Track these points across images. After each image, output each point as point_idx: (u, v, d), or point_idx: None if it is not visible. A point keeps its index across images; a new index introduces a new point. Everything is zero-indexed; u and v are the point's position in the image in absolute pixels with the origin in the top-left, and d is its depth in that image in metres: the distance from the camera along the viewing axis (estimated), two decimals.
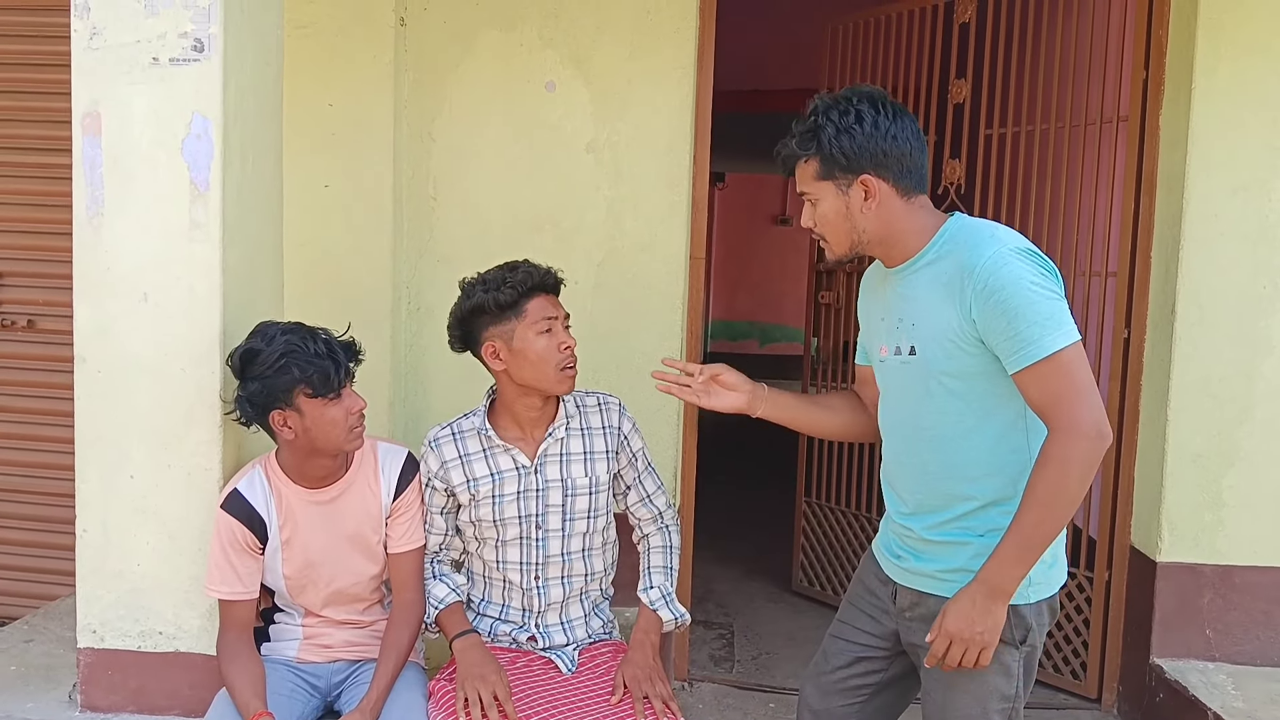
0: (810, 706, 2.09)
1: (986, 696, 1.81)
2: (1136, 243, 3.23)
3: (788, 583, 4.51)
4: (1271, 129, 2.99)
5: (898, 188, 1.80)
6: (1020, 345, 1.67)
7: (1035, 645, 1.83)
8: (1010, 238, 1.74)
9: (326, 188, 3.19)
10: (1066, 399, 1.66)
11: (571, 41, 3.22)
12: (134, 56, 2.21)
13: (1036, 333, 1.65)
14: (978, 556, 1.78)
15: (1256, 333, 3.03)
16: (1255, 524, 3.07)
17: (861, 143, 1.76)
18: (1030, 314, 1.66)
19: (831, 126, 1.78)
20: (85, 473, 2.31)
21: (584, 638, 2.31)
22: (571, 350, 2.19)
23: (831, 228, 1.84)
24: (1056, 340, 1.65)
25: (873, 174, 1.78)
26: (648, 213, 3.24)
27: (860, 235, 1.83)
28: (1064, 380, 1.66)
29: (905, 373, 1.85)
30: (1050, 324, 1.65)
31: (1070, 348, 1.66)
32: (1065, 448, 1.66)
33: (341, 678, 2.24)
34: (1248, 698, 2.88)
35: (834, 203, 1.82)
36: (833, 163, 1.79)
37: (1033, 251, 1.72)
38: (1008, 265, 1.68)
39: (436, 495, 2.26)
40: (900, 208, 1.81)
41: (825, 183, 1.81)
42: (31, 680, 2.53)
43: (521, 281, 2.16)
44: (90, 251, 2.26)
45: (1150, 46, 3.16)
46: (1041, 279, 1.69)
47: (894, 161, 1.78)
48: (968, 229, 1.79)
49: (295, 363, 1.99)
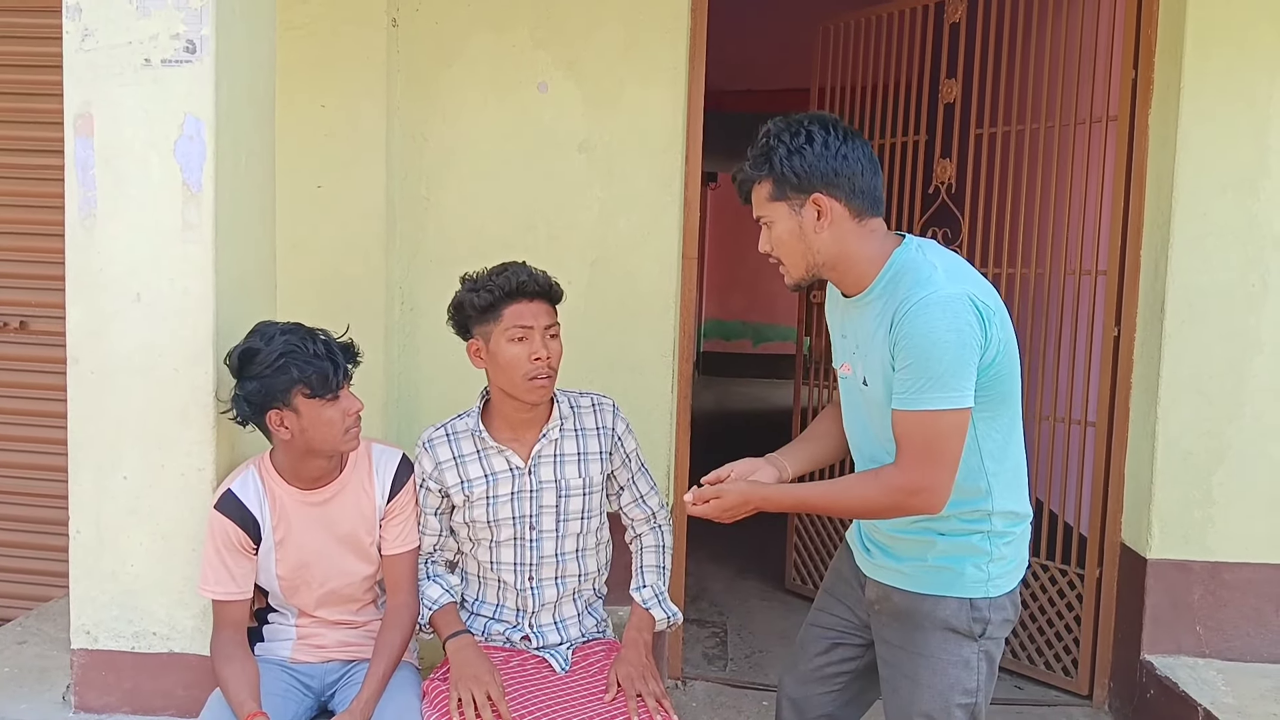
0: (788, 695, 2.15)
1: (948, 690, 1.87)
2: (1126, 241, 3.25)
3: (781, 581, 4.52)
4: (1260, 128, 3.01)
5: (850, 208, 1.81)
6: (902, 389, 1.74)
7: (995, 639, 1.89)
8: (949, 281, 1.75)
9: (319, 188, 3.20)
10: (917, 453, 1.74)
11: (563, 42, 3.23)
12: (126, 58, 2.21)
13: (919, 385, 1.71)
14: (943, 553, 1.86)
15: (1246, 330, 3.05)
16: (1245, 521, 3.09)
17: (812, 162, 1.79)
18: (925, 367, 1.70)
19: (783, 148, 1.80)
20: (78, 474, 2.31)
21: (577, 637, 2.32)
22: (545, 362, 2.14)
23: (787, 249, 1.86)
24: (932, 400, 1.70)
25: (824, 193, 1.80)
26: (640, 213, 3.25)
27: (815, 256, 1.85)
28: (921, 437, 1.73)
29: (862, 398, 1.90)
30: (936, 382, 1.70)
31: (942, 413, 1.71)
32: (893, 487, 1.76)
33: (335, 678, 2.24)
34: (1238, 694, 2.90)
35: (788, 223, 1.84)
36: (785, 183, 1.81)
37: (967, 299, 1.72)
38: (923, 314, 1.71)
39: (431, 496, 2.26)
40: (853, 229, 1.82)
41: (779, 204, 1.84)
42: (25, 681, 2.53)
43: (500, 286, 2.15)
44: (82, 253, 2.26)
45: (1139, 46, 3.17)
46: (956, 334, 1.70)
47: (845, 181, 1.80)
48: (909, 268, 1.79)
49: (294, 363, 2.00)
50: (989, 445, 1.82)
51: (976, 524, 1.85)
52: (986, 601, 1.86)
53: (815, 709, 2.12)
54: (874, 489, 1.79)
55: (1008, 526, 1.87)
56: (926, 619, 1.88)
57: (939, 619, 1.87)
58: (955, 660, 1.87)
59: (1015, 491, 1.88)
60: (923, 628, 1.88)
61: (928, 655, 1.88)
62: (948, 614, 1.86)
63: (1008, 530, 1.87)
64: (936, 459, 1.73)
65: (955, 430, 1.73)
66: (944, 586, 1.87)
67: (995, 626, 1.88)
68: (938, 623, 1.87)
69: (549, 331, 2.18)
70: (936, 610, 1.87)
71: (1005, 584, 1.89)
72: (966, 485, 1.82)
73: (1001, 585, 1.88)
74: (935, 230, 3.75)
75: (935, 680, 1.87)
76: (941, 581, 1.87)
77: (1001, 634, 1.90)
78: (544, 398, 2.19)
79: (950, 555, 1.86)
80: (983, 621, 1.86)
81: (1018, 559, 1.91)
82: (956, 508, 1.82)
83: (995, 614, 1.87)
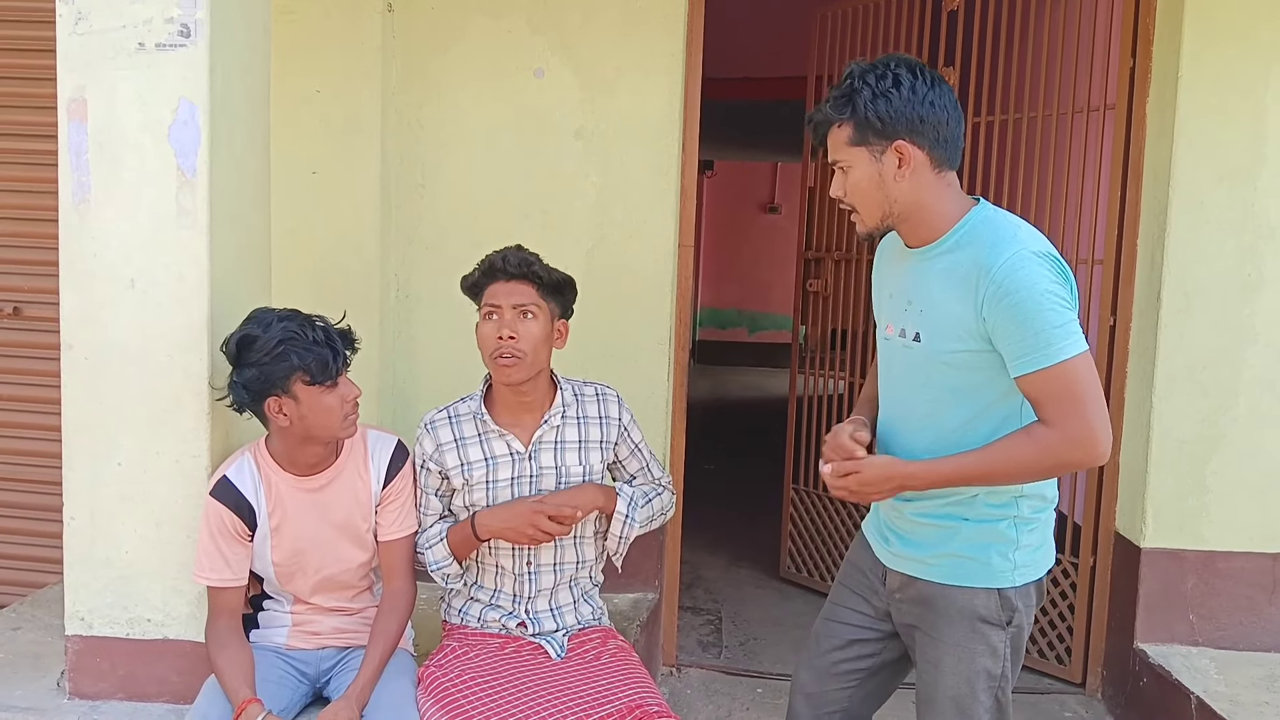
0: (804, 690, 2.10)
1: (974, 676, 1.84)
2: (1123, 230, 3.25)
3: (775, 569, 4.53)
4: (1257, 117, 3.01)
5: (932, 157, 1.76)
6: (1027, 350, 1.66)
7: (1022, 626, 1.85)
8: (1031, 239, 1.72)
9: (314, 174, 3.18)
10: (1068, 405, 1.66)
11: (560, 28, 3.21)
12: (120, 42, 2.19)
13: (1045, 339, 1.65)
14: (968, 541, 1.81)
15: (1241, 320, 3.05)
16: (1239, 510, 3.10)
17: (899, 107, 1.71)
18: (1040, 320, 1.65)
19: (868, 90, 1.72)
20: (72, 460, 2.31)
21: (574, 624, 2.32)
22: (510, 342, 2.13)
23: (863, 196, 1.79)
24: (1064, 349, 1.64)
25: (908, 140, 1.73)
26: (636, 200, 3.24)
27: (892, 206, 1.78)
28: (1068, 388, 1.66)
29: (908, 356, 1.85)
30: (1059, 332, 1.64)
31: (1078, 357, 1.65)
32: (1053, 444, 1.68)
33: (330, 664, 2.24)
34: (1230, 682, 2.91)
35: (867, 170, 1.77)
36: (867, 127, 1.74)
37: (1052, 256, 1.70)
38: (1024, 268, 1.66)
39: (431, 477, 2.26)
40: (933, 180, 1.77)
41: (859, 149, 1.76)
42: (20, 668, 2.52)
43: (481, 267, 2.20)
44: (76, 238, 2.24)
45: (1137, 35, 3.17)
46: (1056, 286, 1.67)
47: (930, 129, 1.73)
48: (991, 223, 1.75)
49: (294, 350, 1.99)
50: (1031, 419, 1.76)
51: (1004, 508, 1.80)
52: (1014, 591, 1.82)
53: (831, 704, 2.06)
54: (1031, 449, 1.69)
55: (1034, 513, 1.83)
56: (953, 608, 1.83)
57: (967, 609, 1.82)
58: (983, 648, 1.83)
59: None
60: (949, 616, 1.84)
61: (954, 643, 1.84)
62: (976, 604, 1.82)
63: (1034, 517, 1.83)
64: (1087, 404, 1.65)
65: (1090, 372, 1.67)
66: (970, 577, 1.82)
67: (1023, 614, 1.84)
68: (965, 612, 1.83)
69: (521, 311, 2.16)
70: (963, 600, 1.82)
71: (1032, 572, 1.84)
72: None
73: (1028, 574, 1.84)
74: None
75: (962, 667, 1.84)
76: (967, 572, 1.82)
77: (1028, 620, 1.86)
78: (510, 379, 2.17)
79: (976, 543, 1.81)
80: (1011, 610, 1.82)
81: (1044, 546, 1.87)
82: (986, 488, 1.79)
83: (1022, 601, 1.83)
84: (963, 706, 1.85)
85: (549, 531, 2.16)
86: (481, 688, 2.10)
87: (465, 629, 2.31)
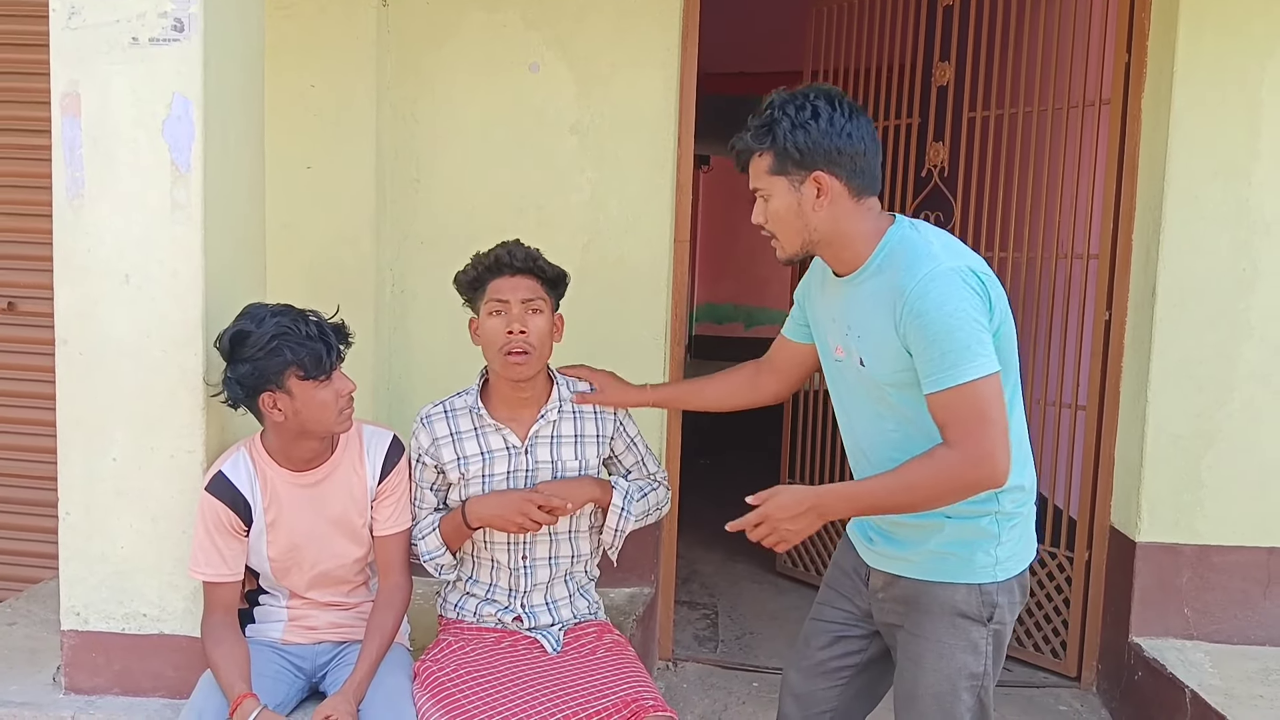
0: (793, 690, 2.12)
1: (955, 674, 1.86)
2: (1118, 225, 3.25)
3: (771, 564, 4.54)
4: (1252, 112, 3.01)
5: (850, 187, 1.79)
6: (934, 370, 1.70)
7: (1004, 623, 1.87)
8: (947, 255, 1.74)
9: (309, 169, 3.18)
10: (966, 426, 1.69)
11: (555, 23, 3.21)
12: (113, 36, 2.18)
13: (951, 360, 1.68)
14: (950, 538, 1.83)
15: (1236, 315, 3.06)
16: (1234, 505, 3.11)
17: (816, 139, 1.76)
18: (947, 341, 1.68)
19: (787, 121, 1.77)
20: (67, 455, 2.30)
21: (569, 618, 2.32)
22: (521, 337, 2.13)
23: (783, 224, 1.84)
24: (969, 370, 1.67)
25: (826, 171, 1.77)
26: (632, 195, 3.24)
27: (811, 234, 1.83)
28: (966, 409, 1.69)
29: (859, 380, 1.88)
30: (965, 354, 1.67)
31: (981, 380, 1.68)
32: (951, 464, 1.71)
33: (326, 659, 2.24)
34: (1225, 676, 2.92)
35: (786, 199, 1.81)
36: (786, 158, 1.78)
37: (969, 271, 1.72)
38: (935, 288, 1.69)
39: (426, 471, 2.26)
40: (851, 208, 1.81)
41: (778, 178, 1.81)
42: (15, 663, 2.52)
43: (483, 261, 2.18)
44: (71, 233, 2.24)
45: (1132, 30, 3.17)
46: (967, 305, 1.69)
47: (847, 160, 1.77)
48: (907, 243, 1.78)
49: (287, 345, 1.99)
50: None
51: (984, 504, 1.81)
52: (995, 586, 1.84)
53: (819, 704, 2.08)
54: (932, 472, 1.72)
55: (1016, 506, 1.85)
56: (935, 604, 1.86)
57: (948, 605, 1.85)
58: (964, 644, 1.85)
59: (1020, 465, 1.84)
60: (931, 612, 1.86)
61: (935, 639, 1.86)
62: (957, 599, 1.84)
63: (1015, 511, 1.85)
64: (988, 426, 1.68)
65: (995, 394, 1.69)
66: (952, 573, 1.85)
67: (1004, 610, 1.86)
68: (947, 608, 1.85)
69: (529, 306, 2.16)
70: (945, 596, 1.85)
71: (1014, 567, 1.87)
72: None
73: (1010, 568, 1.86)
74: (928, 213, 3.74)
75: (943, 664, 1.85)
76: (949, 568, 1.85)
77: (1011, 617, 1.88)
78: (521, 374, 2.17)
79: (957, 540, 1.83)
80: (991, 605, 1.84)
81: (1025, 540, 1.90)
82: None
83: (1004, 597, 1.86)
84: (944, 705, 1.87)
85: (538, 521, 2.15)
86: (477, 682, 2.10)
87: (461, 624, 2.31)
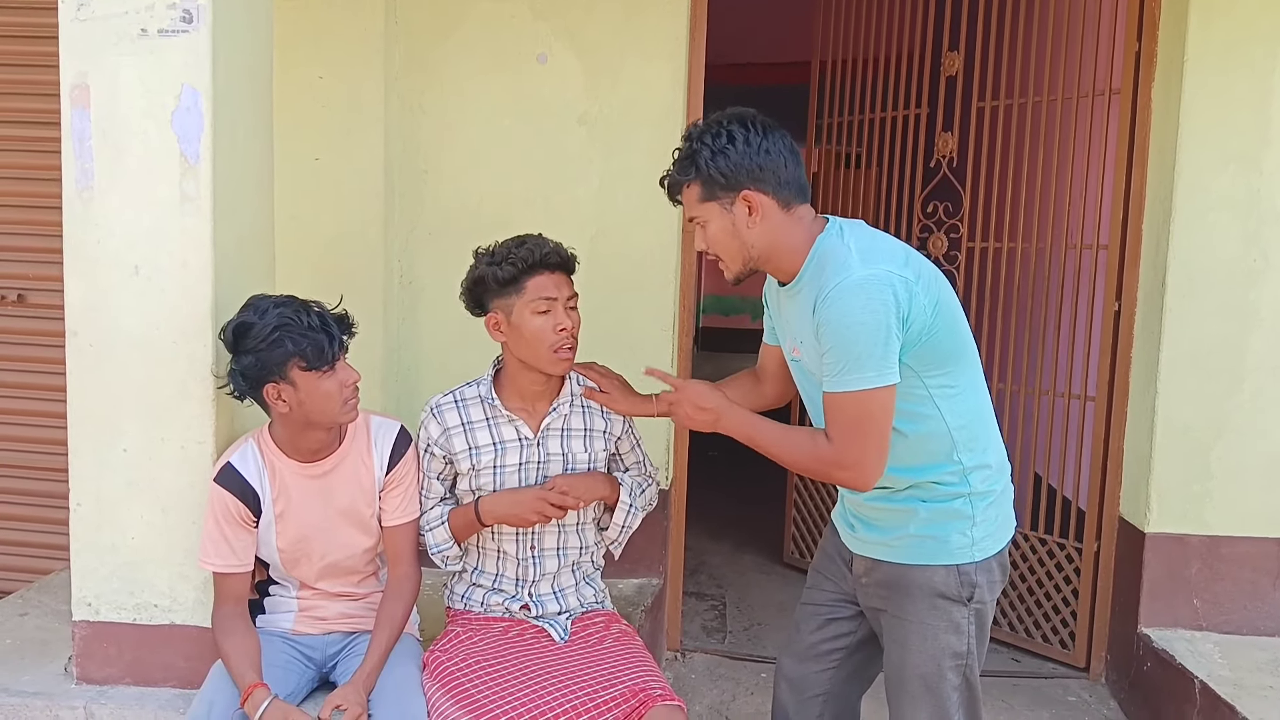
0: (786, 675, 2.18)
1: (939, 654, 1.91)
2: (1128, 215, 3.24)
3: (779, 555, 4.54)
4: (1262, 102, 2.99)
5: (778, 199, 1.86)
6: (830, 373, 1.79)
7: (985, 602, 1.92)
8: (862, 263, 1.78)
9: (317, 161, 3.18)
10: (844, 431, 1.79)
11: (563, 13, 3.20)
12: (122, 28, 2.19)
13: (842, 367, 1.76)
14: (926, 522, 1.89)
15: (1246, 305, 3.04)
16: (1243, 495, 3.10)
17: (736, 161, 1.84)
18: (842, 350, 1.75)
19: (706, 150, 1.85)
20: (78, 447, 2.31)
21: (576, 607, 2.33)
22: (569, 332, 2.16)
23: (723, 247, 1.91)
24: (855, 380, 1.75)
25: (752, 189, 1.85)
26: (640, 187, 3.23)
27: (750, 251, 1.90)
28: (847, 416, 1.78)
29: (807, 378, 1.96)
30: (855, 364, 1.74)
31: (866, 391, 1.75)
32: (823, 455, 1.82)
33: (337, 649, 2.25)
34: (1234, 666, 2.92)
35: (721, 222, 1.89)
36: (713, 183, 1.86)
37: (881, 281, 1.75)
38: (840, 299, 1.75)
39: (434, 461, 2.26)
40: (782, 220, 1.88)
41: (710, 204, 1.89)
42: (27, 653, 2.54)
43: (523, 259, 2.15)
44: (80, 225, 2.24)
45: (1143, 19, 3.15)
46: (870, 315, 1.73)
47: (769, 175, 1.85)
48: (828, 254, 1.84)
49: (289, 336, 1.99)
50: (947, 404, 1.86)
51: (956, 486, 1.88)
52: (973, 566, 1.89)
53: (813, 687, 2.13)
54: (808, 451, 1.85)
55: (987, 485, 1.90)
56: (915, 587, 1.91)
57: (928, 586, 1.89)
58: (946, 625, 1.90)
59: (984, 443, 1.91)
60: (912, 595, 1.91)
61: (918, 621, 1.91)
62: (936, 581, 1.89)
63: (988, 490, 1.90)
64: (863, 436, 1.78)
65: (880, 408, 1.77)
66: (930, 555, 1.89)
67: (984, 589, 1.91)
68: (927, 590, 1.90)
69: (570, 303, 2.19)
70: (925, 579, 1.90)
71: (990, 546, 1.92)
72: (936, 448, 1.87)
73: (987, 548, 1.91)
74: (936, 204, 3.74)
75: (927, 645, 1.91)
76: (927, 551, 1.89)
77: (992, 596, 1.93)
78: (567, 369, 2.21)
79: (934, 523, 1.88)
80: (971, 586, 1.89)
81: (1000, 520, 1.94)
82: (933, 472, 1.87)
83: (983, 577, 1.90)
84: (931, 685, 1.92)
85: (550, 516, 2.18)
86: (486, 672, 2.11)
87: (469, 614, 2.32)
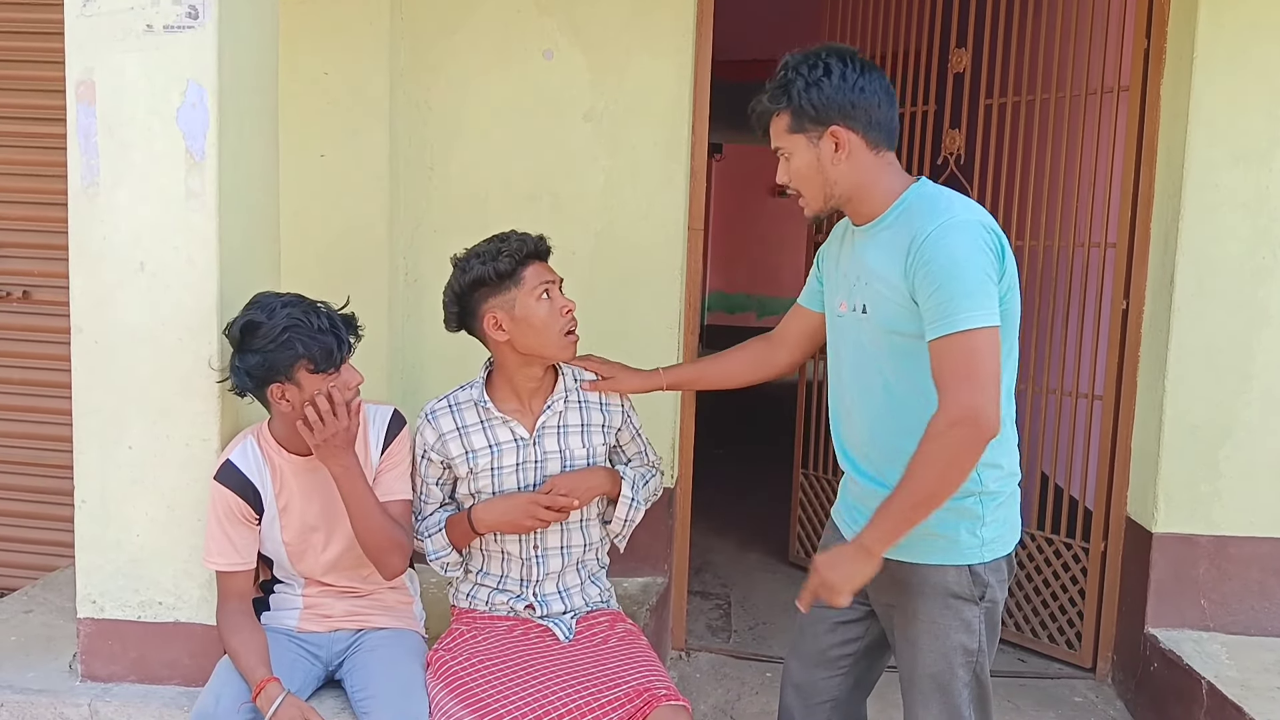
0: (793, 679, 2.15)
1: (951, 652, 1.89)
2: (1136, 213, 3.23)
3: (784, 553, 4.53)
4: (1272, 99, 2.98)
5: (867, 139, 1.84)
6: (936, 316, 1.71)
7: (996, 601, 1.90)
8: (964, 210, 1.77)
9: (323, 157, 3.17)
10: (958, 378, 1.69)
11: (569, 9, 3.19)
12: (128, 24, 2.18)
13: (953, 307, 1.69)
14: (937, 520, 1.81)
15: (1255, 303, 3.03)
16: (1251, 495, 3.09)
17: (830, 94, 1.81)
18: (951, 287, 1.69)
19: (801, 80, 1.82)
20: (83, 444, 2.31)
21: (581, 606, 2.32)
22: (572, 313, 2.19)
23: (805, 181, 1.89)
24: (967, 319, 1.68)
25: (842, 125, 1.82)
26: (646, 183, 3.22)
27: (832, 188, 1.87)
28: (961, 359, 1.69)
29: (859, 329, 1.90)
30: (967, 302, 1.68)
31: (980, 330, 1.68)
32: (941, 429, 1.70)
33: (343, 647, 2.24)
34: (1242, 667, 2.90)
35: (806, 156, 1.86)
36: (803, 115, 1.83)
37: (983, 226, 1.74)
38: (948, 236, 1.72)
39: (432, 467, 2.26)
40: (870, 161, 1.85)
41: (797, 136, 1.86)
42: (32, 650, 2.54)
43: (516, 250, 2.16)
44: (86, 221, 2.24)
45: (1152, 16, 3.14)
46: (979, 255, 1.71)
47: (862, 113, 1.82)
48: (926, 197, 1.83)
49: (298, 338, 1.98)
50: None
51: (968, 485, 1.81)
52: (983, 566, 1.87)
53: (821, 694, 2.11)
54: (935, 447, 1.70)
55: (999, 485, 1.87)
56: (926, 586, 1.88)
57: (939, 586, 1.87)
58: (957, 623, 1.88)
59: (1003, 445, 1.86)
60: (923, 594, 1.89)
61: (929, 620, 1.89)
62: (948, 580, 1.87)
63: (999, 490, 1.88)
64: (979, 378, 1.68)
65: (990, 348, 1.69)
66: (939, 555, 1.87)
67: (995, 589, 1.89)
68: (938, 589, 1.87)
69: (560, 286, 2.22)
70: (936, 578, 1.87)
71: (1000, 548, 1.89)
72: None
73: (996, 549, 1.89)
74: None
75: (938, 644, 1.89)
76: (936, 550, 1.86)
77: (1002, 594, 1.91)
78: (575, 352, 2.22)
79: (945, 522, 1.83)
80: (983, 585, 1.87)
81: (1010, 521, 1.92)
82: None
83: (993, 576, 1.88)
84: (942, 684, 1.90)
85: (547, 520, 2.17)
86: (490, 671, 2.11)
87: (474, 613, 2.31)
